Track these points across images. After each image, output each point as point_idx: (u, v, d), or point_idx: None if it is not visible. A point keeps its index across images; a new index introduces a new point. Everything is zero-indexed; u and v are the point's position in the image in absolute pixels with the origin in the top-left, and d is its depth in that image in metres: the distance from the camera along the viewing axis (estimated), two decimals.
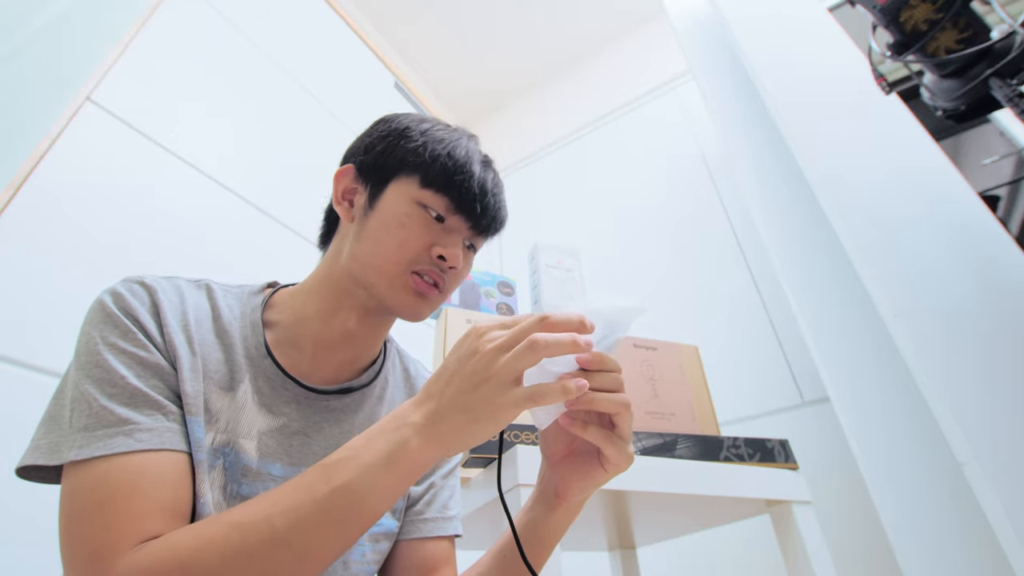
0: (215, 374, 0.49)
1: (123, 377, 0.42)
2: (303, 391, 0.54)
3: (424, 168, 0.54)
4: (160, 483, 0.40)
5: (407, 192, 0.54)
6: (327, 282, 0.56)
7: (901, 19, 0.67)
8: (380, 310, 0.56)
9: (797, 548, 0.78)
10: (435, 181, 0.53)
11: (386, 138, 0.57)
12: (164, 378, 0.45)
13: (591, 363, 0.41)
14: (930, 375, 0.74)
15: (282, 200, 1.43)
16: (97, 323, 0.45)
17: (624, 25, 2.54)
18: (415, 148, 0.54)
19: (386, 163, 0.55)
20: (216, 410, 0.47)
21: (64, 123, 1.01)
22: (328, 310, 0.55)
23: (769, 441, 0.86)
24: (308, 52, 1.79)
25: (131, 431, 0.40)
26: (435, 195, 0.54)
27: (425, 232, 0.53)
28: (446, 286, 0.56)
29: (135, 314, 0.46)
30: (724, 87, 1.40)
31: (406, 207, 0.53)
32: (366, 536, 0.54)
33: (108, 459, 0.39)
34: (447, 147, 0.54)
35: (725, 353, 1.53)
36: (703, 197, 1.87)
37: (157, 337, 0.46)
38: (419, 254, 0.53)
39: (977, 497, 0.67)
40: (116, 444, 0.39)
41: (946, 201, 0.91)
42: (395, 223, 0.53)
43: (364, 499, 0.37)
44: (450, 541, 0.61)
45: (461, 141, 0.56)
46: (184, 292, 0.51)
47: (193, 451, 0.44)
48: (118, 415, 0.41)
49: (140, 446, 0.40)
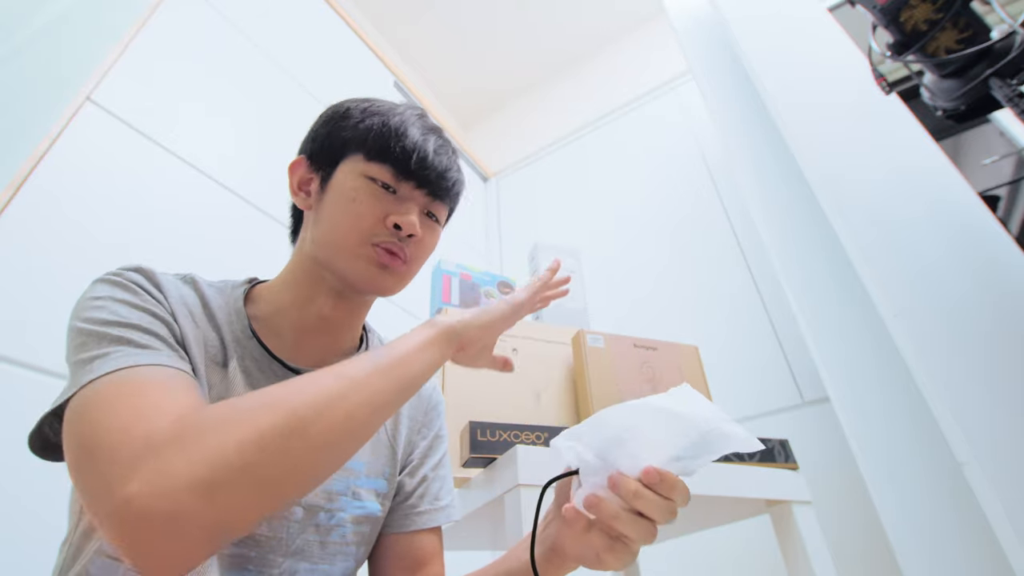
0: (212, 348, 0.50)
1: (130, 319, 0.42)
2: (288, 372, 0.55)
3: (364, 142, 0.55)
4: (183, 386, 0.39)
5: (354, 169, 0.55)
6: (298, 271, 0.58)
7: (901, 19, 0.67)
8: (349, 291, 0.57)
9: (797, 548, 0.78)
10: (375, 152, 0.55)
11: (328, 122, 0.59)
12: (172, 331, 0.45)
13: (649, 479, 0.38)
14: (930, 375, 0.74)
15: (282, 200, 1.42)
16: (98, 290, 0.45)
17: (624, 25, 2.54)
18: (354, 125, 0.56)
19: (331, 146, 0.57)
20: (210, 383, 0.49)
21: (64, 123, 1.01)
22: (303, 297, 0.57)
23: (769, 441, 0.86)
24: (308, 52, 1.79)
25: (142, 352, 0.40)
26: (379, 166, 0.55)
27: (376, 203, 0.54)
28: (409, 256, 0.56)
29: (138, 282, 0.47)
30: (724, 87, 1.40)
31: (354, 182, 0.55)
32: (347, 517, 0.54)
33: (124, 371, 0.37)
34: (382, 118, 0.56)
35: (725, 353, 1.53)
36: (703, 197, 1.87)
37: (164, 302, 0.47)
38: (374, 225, 0.54)
39: (977, 497, 0.67)
40: (141, 356, 0.39)
41: (946, 201, 0.91)
42: (346, 199, 0.54)
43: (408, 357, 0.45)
44: (438, 531, 0.62)
45: (397, 110, 0.58)
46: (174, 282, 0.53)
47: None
48: (137, 340, 0.40)
49: (165, 361, 0.40)
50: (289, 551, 0.49)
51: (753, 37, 1.25)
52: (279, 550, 0.49)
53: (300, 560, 0.50)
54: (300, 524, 0.51)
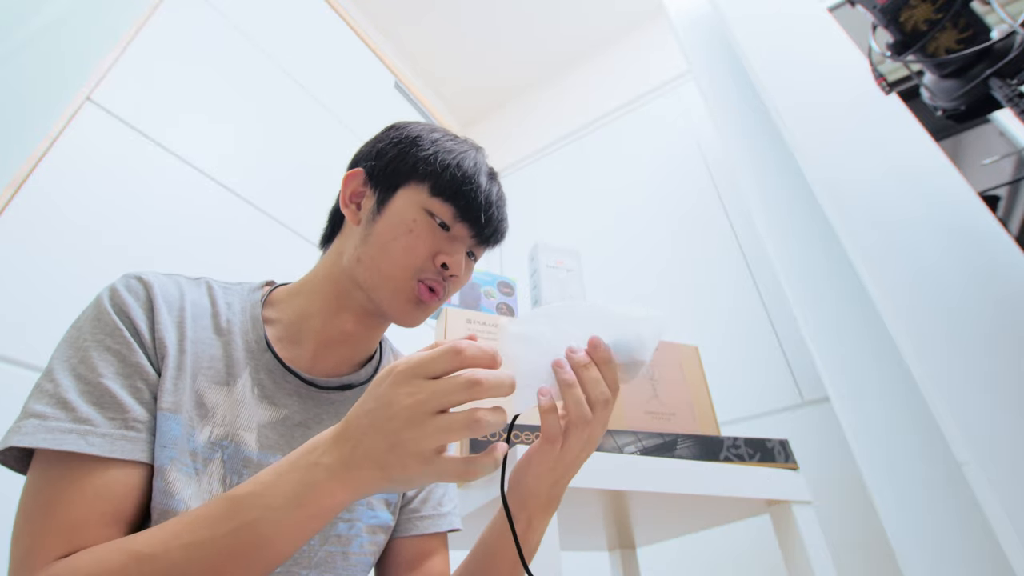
0: (209, 370, 0.49)
1: (99, 374, 0.43)
2: (304, 384, 0.55)
3: (434, 176, 0.55)
4: (103, 494, 0.40)
5: (416, 199, 0.55)
6: (328, 283, 0.57)
7: (901, 19, 0.67)
8: (377, 313, 0.57)
9: (797, 548, 0.78)
10: (444, 190, 0.55)
11: (397, 145, 0.58)
12: (143, 377, 0.45)
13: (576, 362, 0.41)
14: (930, 375, 0.74)
15: (282, 200, 1.43)
16: (89, 318, 0.46)
17: (624, 25, 2.54)
18: (426, 157, 0.55)
19: (397, 169, 0.56)
20: (212, 405, 0.48)
21: (64, 123, 1.01)
22: (329, 310, 0.56)
23: (769, 441, 0.86)
24: (308, 52, 1.79)
25: (85, 432, 0.40)
26: (443, 203, 0.55)
27: (431, 239, 0.54)
28: (444, 293, 0.57)
29: (127, 311, 0.46)
30: (724, 87, 1.40)
31: (414, 213, 0.54)
32: (363, 528, 0.54)
33: (61, 458, 0.40)
34: (457, 157, 0.56)
35: (725, 353, 1.53)
36: (703, 197, 1.87)
37: (146, 335, 0.46)
38: (424, 261, 0.54)
39: (977, 497, 0.67)
40: (67, 441, 0.40)
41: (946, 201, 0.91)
42: (403, 228, 0.54)
43: (269, 540, 0.35)
44: (443, 537, 0.62)
45: (470, 153, 0.58)
46: (184, 288, 0.52)
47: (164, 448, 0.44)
48: (80, 413, 0.41)
49: (90, 450, 0.40)
50: (312, 563, 0.49)
51: (753, 37, 1.25)
52: (302, 562, 0.49)
53: (324, 572, 0.50)
54: (321, 536, 0.51)
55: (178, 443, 0.45)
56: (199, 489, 0.45)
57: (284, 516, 0.35)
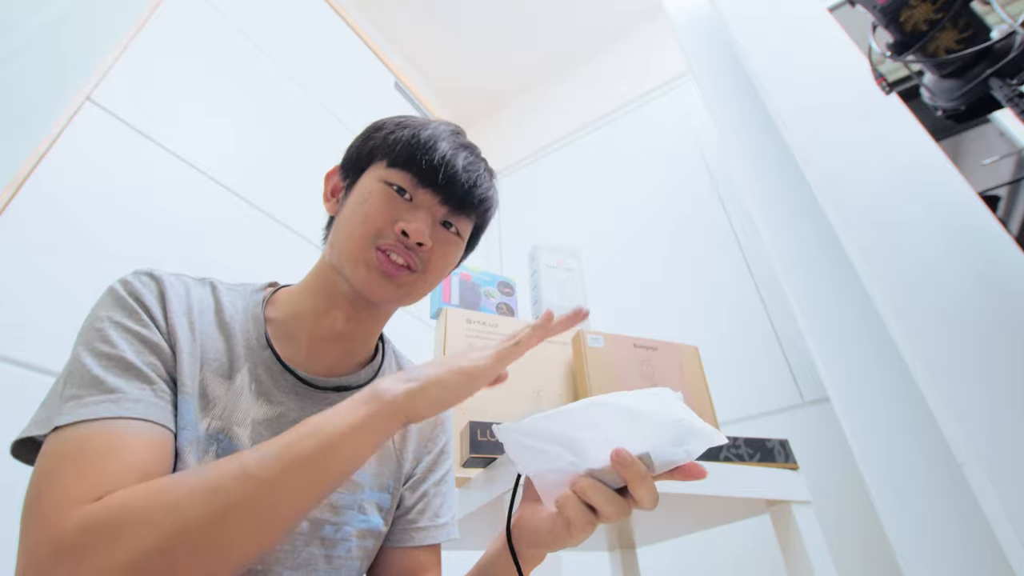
0: (214, 362, 0.50)
1: (121, 351, 0.44)
2: (300, 383, 0.55)
3: (391, 150, 0.56)
4: (138, 448, 0.40)
5: (375, 174, 0.56)
6: (319, 279, 0.58)
7: (901, 19, 0.67)
8: (361, 300, 0.56)
9: (797, 548, 0.78)
10: (399, 159, 0.55)
11: (363, 134, 0.60)
12: (161, 357, 0.46)
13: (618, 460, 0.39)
14: (930, 375, 0.74)
15: (282, 200, 1.43)
16: (105, 304, 0.47)
17: (623, 25, 2.54)
18: (385, 135, 0.57)
19: (360, 155, 0.59)
20: (214, 396, 0.49)
21: (64, 123, 1.01)
22: (320, 307, 0.57)
23: (769, 441, 0.86)
24: (308, 52, 1.79)
25: (118, 399, 0.41)
26: (399, 172, 0.55)
27: (387, 206, 0.54)
28: (422, 267, 0.55)
29: (142, 298, 0.48)
30: (724, 87, 1.40)
31: (371, 185, 0.55)
32: (353, 531, 0.54)
33: (90, 423, 0.40)
34: (413, 131, 0.57)
35: (725, 353, 1.53)
36: (703, 197, 1.87)
37: (161, 320, 0.48)
38: (381, 228, 0.54)
39: (977, 497, 0.67)
40: (101, 410, 0.40)
41: (946, 201, 0.90)
42: (360, 200, 0.55)
43: (333, 445, 0.38)
44: (437, 549, 0.62)
45: (432, 124, 0.59)
46: (189, 286, 0.53)
47: (184, 429, 0.45)
48: (109, 384, 0.41)
49: (124, 413, 0.41)
50: (295, 564, 0.49)
51: (753, 37, 1.25)
52: (284, 563, 0.49)
53: (306, 574, 0.50)
54: (305, 537, 0.50)
55: (193, 428, 0.46)
56: None
57: (348, 426, 0.39)
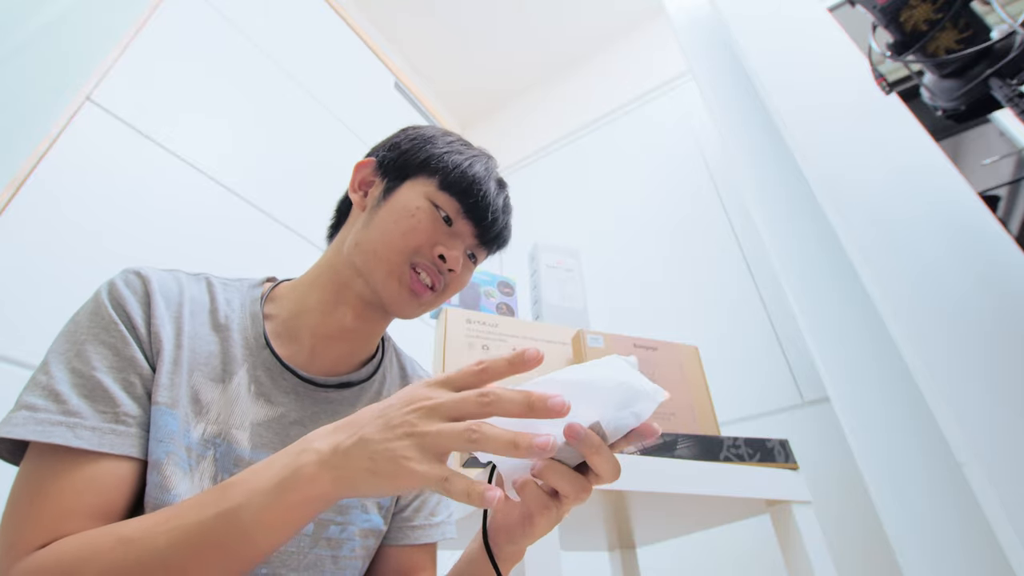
0: (205, 366, 0.49)
1: (92, 368, 0.43)
2: (301, 382, 0.54)
3: (444, 172, 0.57)
4: (90, 487, 0.40)
5: (423, 190, 0.56)
6: (328, 273, 0.58)
7: (901, 19, 0.67)
8: (376, 303, 0.56)
9: (797, 548, 0.78)
10: (452, 185, 0.56)
11: (412, 140, 0.60)
12: (137, 371, 0.45)
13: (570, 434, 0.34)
14: (930, 375, 0.74)
15: (282, 200, 1.43)
16: (86, 312, 0.47)
17: (624, 25, 2.54)
18: (439, 154, 0.58)
19: (408, 161, 0.58)
20: (207, 401, 0.48)
21: (64, 123, 1.01)
22: (328, 302, 0.56)
23: (769, 441, 0.86)
24: (308, 52, 1.79)
25: (74, 425, 0.41)
26: (449, 198, 0.56)
27: (432, 228, 0.55)
28: (443, 288, 0.57)
29: (124, 305, 0.47)
30: (724, 87, 1.39)
31: (419, 201, 0.56)
32: (356, 530, 0.53)
33: (50, 451, 0.40)
34: (469, 159, 0.58)
35: (725, 353, 1.53)
36: (703, 197, 1.87)
37: (142, 329, 0.47)
38: (421, 247, 0.55)
39: (977, 497, 0.67)
40: (55, 434, 0.40)
41: (946, 201, 0.90)
42: (406, 213, 0.55)
43: (247, 530, 0.34)
44: (432, 548, 0.62)
45: (482, 158, 0.60)
46: (183, 284, 0.52)
47: (161, 442, 0.44)
48: (70, 405, 0.41)
49: (78, 444, 0.40)
50: (302, 566, 0.49)
51: (753, 37, 1.25)
52: (291, 564, 0.48)
53: (314, 575, 0.50)
54: (311, 538, 0.50)
55: (175, 438, 0.45)
56: (192, 485, 0.45)
57: (267, 502, 0.34)
